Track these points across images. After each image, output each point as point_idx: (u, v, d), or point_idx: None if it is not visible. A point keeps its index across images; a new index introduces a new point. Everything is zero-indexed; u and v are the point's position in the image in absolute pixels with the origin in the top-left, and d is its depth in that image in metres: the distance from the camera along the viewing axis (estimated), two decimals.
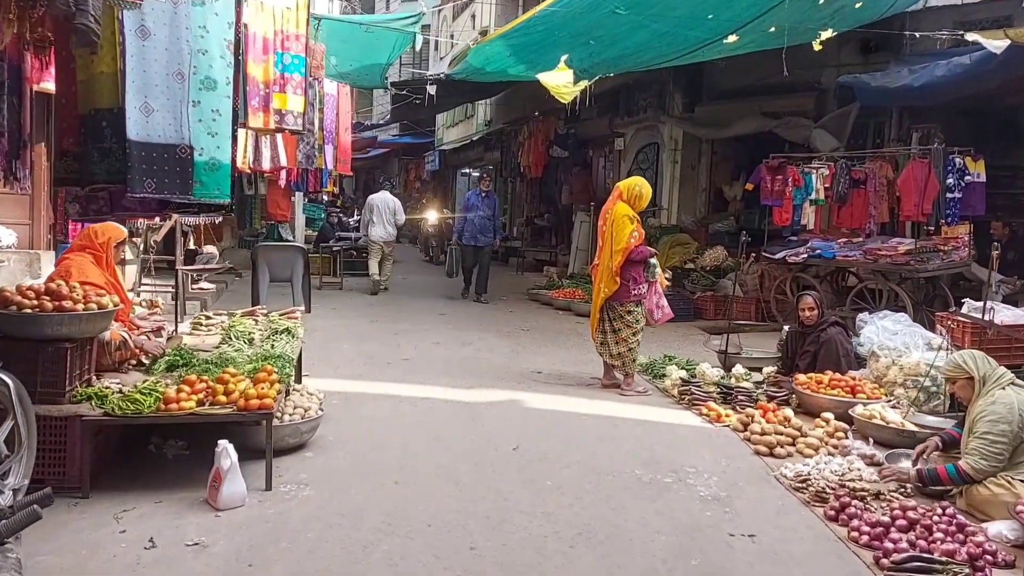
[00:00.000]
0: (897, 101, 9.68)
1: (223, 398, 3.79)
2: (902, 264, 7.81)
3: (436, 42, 19.75)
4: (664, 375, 6.18)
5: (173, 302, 8.66)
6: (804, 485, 3.99)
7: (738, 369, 6.08)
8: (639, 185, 5.91)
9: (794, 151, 10.26)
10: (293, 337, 5.20)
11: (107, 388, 3.74)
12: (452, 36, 20.52)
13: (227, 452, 3.50)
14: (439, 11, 21.91)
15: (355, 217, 17.70)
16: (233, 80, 3.97)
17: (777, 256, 8.82)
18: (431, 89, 12.62)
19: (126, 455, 4.06)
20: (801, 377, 5.56)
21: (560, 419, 5.16)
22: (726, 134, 12.29)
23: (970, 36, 7.23)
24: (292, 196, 12.83)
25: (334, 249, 12.59)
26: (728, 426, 5.08)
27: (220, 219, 8.82)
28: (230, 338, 5.04)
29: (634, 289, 5.84)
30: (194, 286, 9.69)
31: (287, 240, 12.88)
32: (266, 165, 8.20)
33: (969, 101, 8.75)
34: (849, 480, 3.99)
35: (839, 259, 8.45)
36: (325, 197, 19.66)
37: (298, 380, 5.41)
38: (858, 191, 9.55)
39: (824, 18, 8.00)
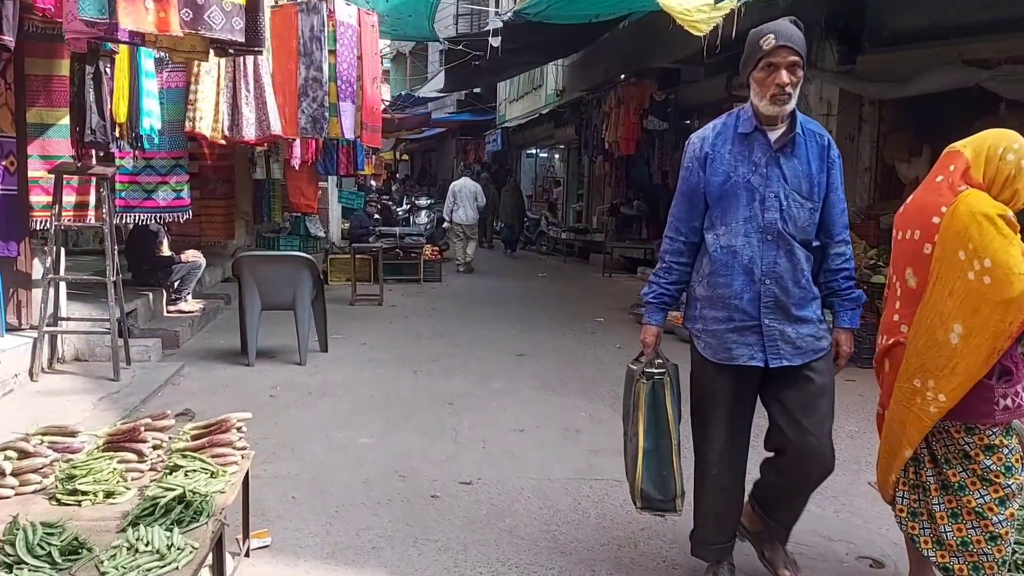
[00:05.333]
0: None
1: None
2: None
3: None
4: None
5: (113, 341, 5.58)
6: None
7: None
8: (1016, 148, 2.40)
9: (1013, 112, 6.57)
10: (200, 516, 1.99)
11: None
12: None
13: None
14: None
15: (404, 206, 14.49)
16: None
17: None
18: (494, 41, 9.37)
19: None
20: None
21: None
22: (906, 92, 8.50)
23: None
24: (322, 181, 9.66)
25: (373, 250, 9.27)
26: None
27: (186, 216, 5.61)
28: (25, 550, 1.86)
29: (1003, 394, 2.38)
30: (171, 308, 6.66)
31: (316, 237, 9.79)
32: (249, 133, 4.98)
33: None
34: None
35: None
36: (373, 183, 16.59)
37: None
38: None
39: None
